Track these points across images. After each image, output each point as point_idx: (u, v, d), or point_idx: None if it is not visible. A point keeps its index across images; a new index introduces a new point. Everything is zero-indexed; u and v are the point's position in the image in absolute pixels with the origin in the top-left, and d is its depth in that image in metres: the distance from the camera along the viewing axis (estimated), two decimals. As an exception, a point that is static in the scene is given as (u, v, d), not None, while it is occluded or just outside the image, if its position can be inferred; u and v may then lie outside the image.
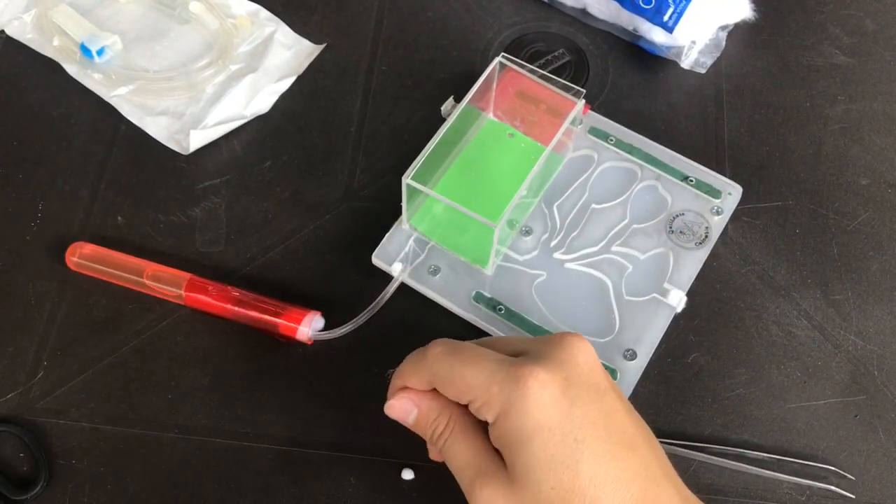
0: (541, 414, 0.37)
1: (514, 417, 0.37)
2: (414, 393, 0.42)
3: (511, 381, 0.37)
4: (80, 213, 0.58)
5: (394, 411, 0.43)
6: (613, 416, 0.38)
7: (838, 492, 0.49)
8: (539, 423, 0.37)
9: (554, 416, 0.37)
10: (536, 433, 0.37)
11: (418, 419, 0.42)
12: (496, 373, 0.38)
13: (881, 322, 0.54)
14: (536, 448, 0.37)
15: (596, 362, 0.40)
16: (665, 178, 0.58)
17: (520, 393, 0.37)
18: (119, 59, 0.64)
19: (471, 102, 0.55)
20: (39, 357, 0.53)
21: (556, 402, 0.37)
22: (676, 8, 0.60)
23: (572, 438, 0.37)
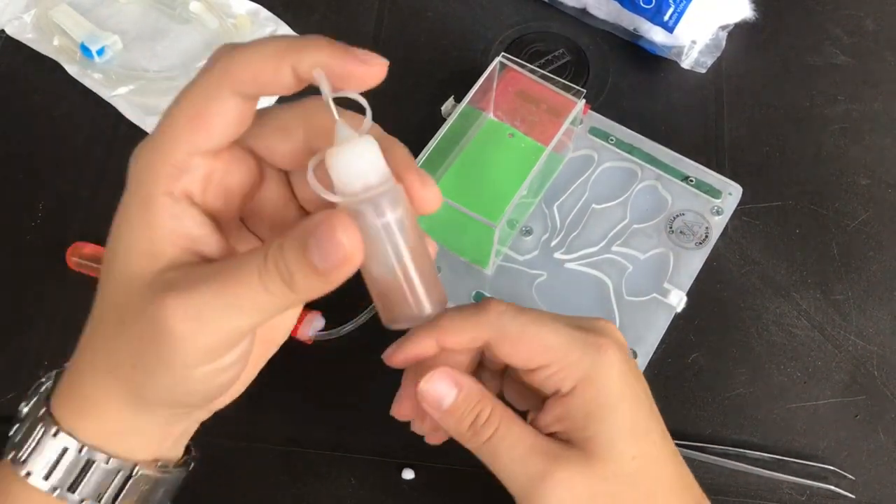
0: (623, 383, 0.36)
1: (597, 385, 0.35)
2: (455, 371, 0.36)
3: (592, 348, 0.35)
4: (81, 213, 0.58)
5: (429, 395, 0.36)
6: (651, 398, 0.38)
7: (838, 492, 0.49)
8: (622, 392, 0.35)
9: (632, 387, 0.36)
10: (621, 401, 0.35)
11: (457, 403, 0.36)
12: (576, 338, 0.36)
13: (881, 322, 0.54)
14: (620, 417, 0.35)
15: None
16: (665, 178, 0.58)
17: (603, 360, 0.35)
18: (119, 58, 0.64)
19: (471, 102, 0.55)
20: (40, 357, 0.53)
21: (631, 373, 0.36)
22: (677, 8, 0.60)
23: (645, 411, 0.36)
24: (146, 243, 0.30)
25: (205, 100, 0.30)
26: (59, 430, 0.32)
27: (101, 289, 0.32)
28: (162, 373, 0.30)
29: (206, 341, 0.29)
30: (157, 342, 0.29)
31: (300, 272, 0.28)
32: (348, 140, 0.29)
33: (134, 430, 0.33)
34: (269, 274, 0.28)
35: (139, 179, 0.31)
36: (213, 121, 0.30)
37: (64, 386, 0.33)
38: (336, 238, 0.27)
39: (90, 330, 0.32)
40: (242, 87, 0.30)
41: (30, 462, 0.32)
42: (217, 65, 0.30)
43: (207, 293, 0.28)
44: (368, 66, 0.30)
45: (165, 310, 0.28)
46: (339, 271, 0.28)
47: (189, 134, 0.30)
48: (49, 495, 0.32)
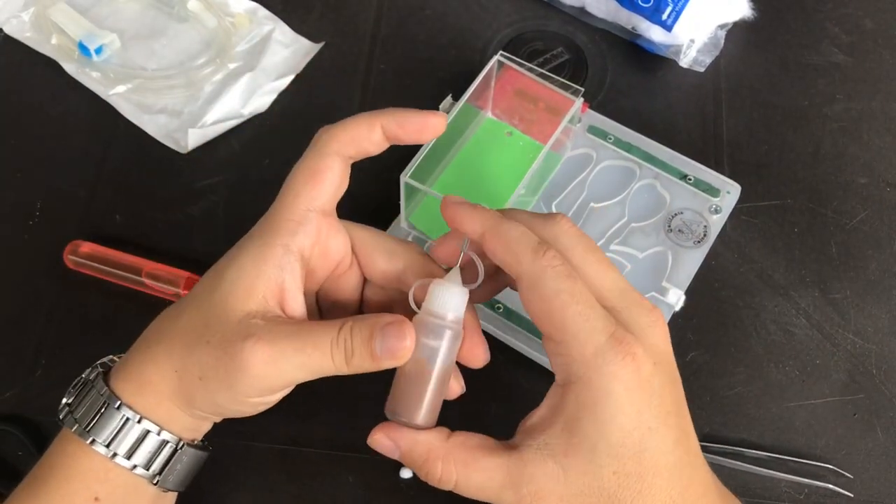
0: (626, 399, 0.34)
1: (596, 392, 0.34)
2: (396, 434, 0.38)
3: (610, 352, 0.34)
4: (79, 212, 0.58)
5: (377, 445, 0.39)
6: (681, 405, 0.37)
7: (837, 490, 0.49)
8: (621, 408, 0.34)
9: (636, 403, 0.34)
10: (616, 417, 0.34)
11: (403, 458, 0.38)
12: (600, 332, 0.34)
13: (879, 321, 0.54)
14: (612, 431, 0.34)
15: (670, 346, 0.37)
16: (664, 176, 0.58)
17: (613, 370, 0.34)
18: (117, 57, 0.64)
19: (469, 101, 0.55)
20: (37, 355, 0.53)
21: (642, 388, 0.35)
22: (675, 6, 0.60)
23: (646, 426, 0.35)
24: (249, 283, 0.37)
25: (318, 161, 0.38)
26: (121, 404, 0.38)
27: (196, 302, 0.38)
28: (222, 393, 0.37)
29: (272, 383, 0.37)
30: (230, 371, 0.36)
31: (360, 353, 0.36)
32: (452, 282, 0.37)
33: (178, 418, 0.39)
34: (337, 347, 0.36)
35: (264, 228, 0.38)
36: (325, 176, 0.38)
37: (129, 365, 0.39)
38: (403, 340, 0.36)
39: (172, 330, 0.38)
40: (345, 148, 0.38)
41: (94, 431, 0.38)
42: (324, 135, 0.38)
43: (288, 349, 0.35)
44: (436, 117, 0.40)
45: (254, 352, 0.35)
46: (389, 362, 0.36)
47: (307, 190, 0.38)
48: (109, 460, 0.38)
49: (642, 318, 0.36)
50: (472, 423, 0.40)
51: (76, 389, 0.40)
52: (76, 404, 0.39)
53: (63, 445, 0.39)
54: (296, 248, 0.38)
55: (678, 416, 0.36)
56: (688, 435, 0.37)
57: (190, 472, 0.41)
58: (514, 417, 0.38)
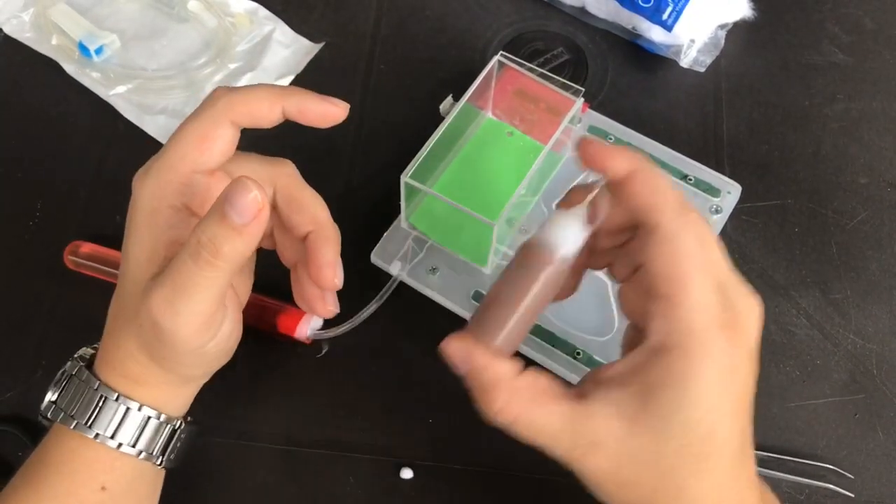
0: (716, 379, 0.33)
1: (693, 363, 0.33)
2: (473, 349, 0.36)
3: (717, 330, 0.33)
4: (79, 212, 0.58)
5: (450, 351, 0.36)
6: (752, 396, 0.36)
7: (838, 490, 0.49)
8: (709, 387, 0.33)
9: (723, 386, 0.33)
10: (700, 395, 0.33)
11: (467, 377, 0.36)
12: (713, 307, 0.33)
13: (880, 321, 0.54)
14: (694, 408, 0.33)
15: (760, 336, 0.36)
16: (664, 176, 0.58)
17: (714, 349, 0.33)
18: (117, 57, 0.64)
19: (470, 101, 0.55)
20: (38, 356, 0.53)
21: (733, 373, 0.34)
22: (675, 6, 0.60)
23: (724, 411, 0.34)
24: (149, 251, 0.36)
25: (210, 126, 0.37)
26: (119, 396, 0.39)
27: (121, 293, 0.39)
28: (177, 357, 0.37)
29: (189, 327, 0.35)
30: (155, 335, 0.36)
31: (222, 236, 0.33)
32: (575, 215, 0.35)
33: (175, 399, 0.41)
34: (195, 253, 0.34)
35: (149, 193, 0.36)
36: (215, 143, 0.37)
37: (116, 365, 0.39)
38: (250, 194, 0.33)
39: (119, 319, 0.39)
40: (240, 118, 0.37)
41: (97, 425, 0.38)
42: (220, 101, 0.37)
43: (167, 288, 0.35)
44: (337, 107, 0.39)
45: (151, 310, 0.35)
46: (257, 225, 0.34)
47: (195, 154, 0.36)
48: (114, 450, 0.39)
49: (744, 301, 0.35)
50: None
51: (60, 386, 0.41)
52: (66, 400, 0.40)
53: (61, 441, 0.40)
54: (182, 205, 0.37)
55: (749, 407, 0.36)
56: (749, 427, 0.36)
57: (186, 448, 0.43)
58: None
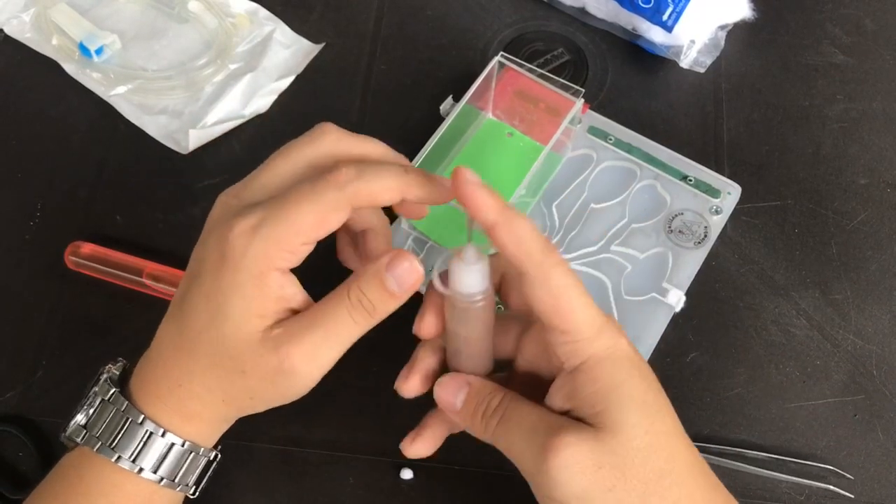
0: (632, 364, 0.36)
1: (607, 363, 0.36)
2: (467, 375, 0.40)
3: (610, 328, 0.36)
4: (79, 213, 0.58)
5: (445, 391, 0.39)
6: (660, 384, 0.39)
7: (837, 491, 0.49)
8: (632, 371, 0.36)
9: (642, 368, 0.37)
10: (631, 377, 0.36)
11: (468, 398, 0.39)
12: (598, 315, 0.37)
13: (880, 321, 0.54)
14: (633, 390, 0.36)
15: None
16: (664, 177, 0.58)
17: (615, 342, 0.36)
18: (118, 58, 0.64)
19: (470, 101, 0.55)
20: (38, 356, 0.53)
21: (642, 363, 0.37)
22: (675, 7, 0.60)
23: (656, 388, 0.37)
24: (260, 308, 0.38)
25: (332, 211, 0.37)
26: (165, 432, 0.40)
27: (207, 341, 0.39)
28: (277, 399, 0.40)
29: (315, 374, 0.38)
30: (279, 383, 0.38)
31: (379, 300, 0.37)
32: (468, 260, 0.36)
33: (216, 432, 0.42)
34: (355, 309, 0.37)
35: (255, 259, 0.37)
36: (331, 226, 0.37)
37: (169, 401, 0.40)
38: (412, 265, 0.37)
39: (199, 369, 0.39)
40: (361, 204, 0.37)
41: (141, 459, 0.40)
42: (348, 187, 0.37)
43: (317, 337, 0.37)
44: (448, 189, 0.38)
45: (290, 358, 0.37)
46: (410, 290, 0.38)
47: (310, 232, 0.37)
48: (155, 484, 0.40)
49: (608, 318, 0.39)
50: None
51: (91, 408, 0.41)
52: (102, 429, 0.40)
53: (97, 471, 0.40)
54: (288, 267, 0.38)
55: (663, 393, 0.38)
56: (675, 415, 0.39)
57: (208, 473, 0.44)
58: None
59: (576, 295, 0.36)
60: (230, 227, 0.37)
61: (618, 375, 0.36)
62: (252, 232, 0.37)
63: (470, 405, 0.39)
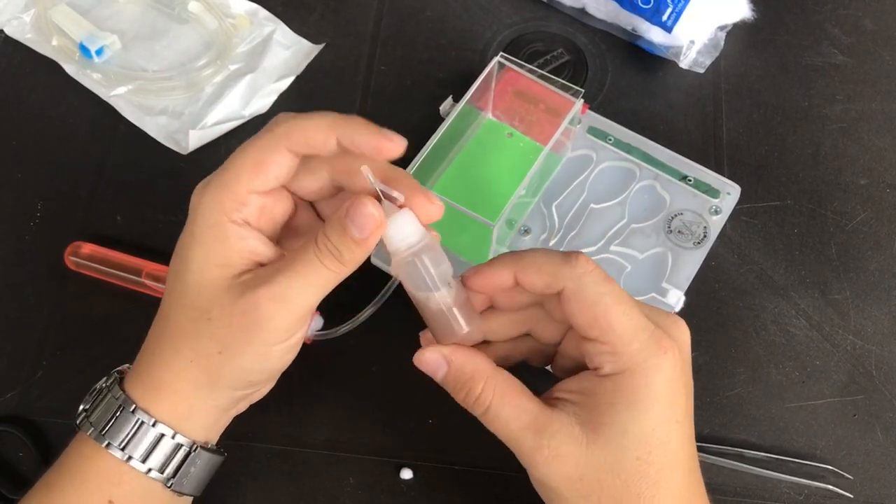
0: (664, 389, 0.36)
1: (638, 382, 0.36)
2: (448, 349, 0.39)
3: (654, 345, 0.36)
4: (79, 213, 0.58)
5: (424, 364, 0.40)
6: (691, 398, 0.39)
7: (837, 491, 0.49)
8: (658, 397, 0.36)
9: (671, 395, 0.37)
10: (653, 406, 0.36)
11: (446, 379, 0.39)
12: (642, 330, 0.37)
13: (879, 321, 0.54)
14: (646, 419, 0.36)
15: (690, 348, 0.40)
16: (663, 177, 0.58)
17: (656, 362, 0.36)
18: (118, 58, 0.64)
19: (469, 102, 0.55)
20: (39, 356, 0.53)
21: (676, 382, 0.37)
22: (675, 8, 0.61)
23: (674, 420, 0.37)
24: (221, 258, 0.38)
25: (267, 152, 0.38)
26: (136, 408, 0.39)
27: (174, 297, 0.39)
28: (247, 354, 0.38)
29: (288, 318, 0.38)
30: (246, 327, 0.37)
31: (344, 246, 0.37)
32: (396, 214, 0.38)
33: (198, 414, 0.40)
34: (322, 254, 0.37)
35: (208, 209, 0.38)
36: (270, 169, 0.38)
37: (141, 373, 0.40)
38: (368, 211, 0.37)
39: (167, 329, 0.40)
40: (297, 146, 0.38)
41: (110, 435, 0.39)
42: (279, 128, 0.38)
43: (284, 279, 0.37)
44: (392, 142, 0.38)
45: (256, 298, 0.37)
46: (374, 237, 0.37)
47: (251, 177, 0.38)
48: (124, 463, 0.39)
49: (670, 319, 0.38)
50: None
51: (93, 396, 0.41)
52: (92, 410, 0.40)
53: (79, 448, 0.40)
54: (242, 220, 0.39)
55: (692, 415, 0.39)
56: (693, 436, 0.39)
57: (205, 477, 0.42)
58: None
59: (614, 303, 0.37)
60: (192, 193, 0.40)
61: (642, 399, 0.36)
62: (204, 187, 0.39)
63: (450, 384, 0.39)
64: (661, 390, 0.36)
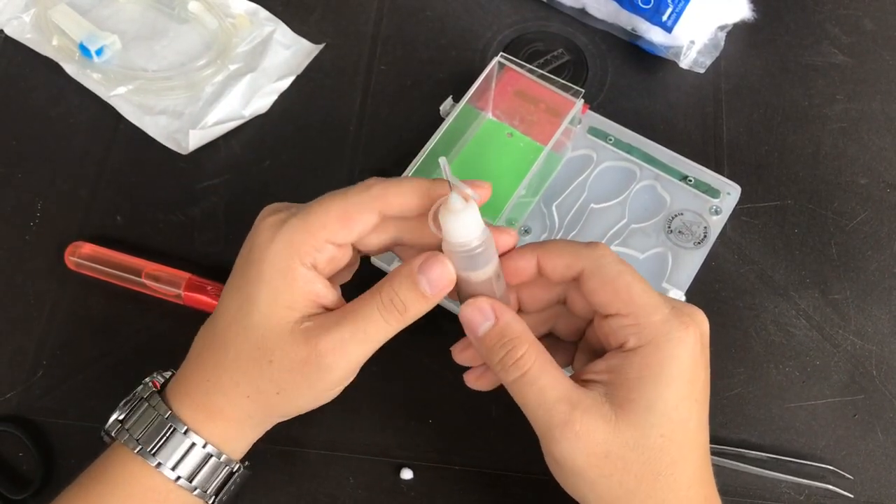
0: (687, 364, 0.37)
1: (663, 354, 0.36)
2: (499, 305, 0.39)
3: (676, 320, 0.37)
4: (79, 213, 0.58)
5: (469, 312, 0.39)
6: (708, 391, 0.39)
7: (837, 491, 0.49)
8: (682, 372, 0.37)
9: (693, 372, 0.37)
10: (676, 380, 0.36)
11: (491, 334, 0.38)
12: (663, 305, 0.37)
13: (880, 321, 0.54)
14: (670, 394, 0.36)
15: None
16: (664, 177, 0.58)
17: (680, 335, 0.37)
18: (118, 58, 0.64)
19: (470, 102, 0.55)
20: (39, 356, 0.53)
21: (698, 360, 0.37)
22: (675, 8, 0.61)
23: (694, 397, 0.37)
24: (288, 301, 0.38)
25: (357, 209, 0.38)
26: (188, 430, 0.40)
27: (238, 332, 0.39)
28: (304, 395, 0.40)
29: (347, 368, 0.39)
30: (307, 374, 0.38)
31: (411, 301, 0.38)
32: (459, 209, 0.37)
33: (243, 438, 0.42)
34: (386, 309, 0.38)
35: (281, 250, 0.38)
36: (356, 226, 0.39)
37: (193, 396, 0.41)
38: (444, 269, 0.37)
39: (227, 362, 0.40)
40: (388, 210, 0.39)
41: (160, 454, 0.40)
42: (374, 189, 0.38)
43: (347, 332, 0.38)
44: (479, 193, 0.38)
45: (319, 349, 0.38)
46: (442, 292, 0.38)
47: (335, 229, 0.38)
48: (171, 482, 0.40)
49: (686, 305, 0.39)
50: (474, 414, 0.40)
51: (127, 408, 0.42)
52: (133, 423, 0.41)
53: (122, 462, 0.41)
54: (311, 265, 0.39)
55: (708, 401, 0.39)
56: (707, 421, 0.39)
57: (237, 491, 0.44)
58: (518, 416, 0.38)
59: (634, 279, 0.38)
60: (260, 224, 0.39)
61: (665, 371, 0.36)
62: (279, 226, 0.38)
63: (492, 339, 0.38)
64: (684, 364, 0.37)
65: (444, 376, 0.52)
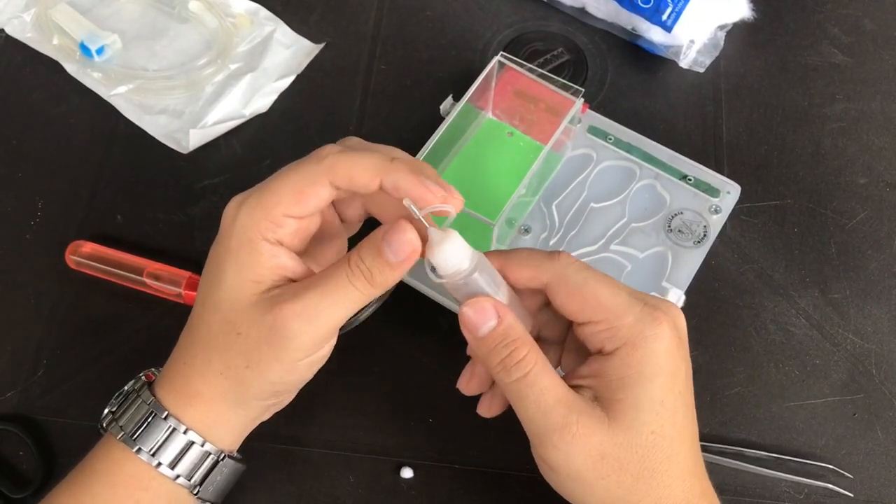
0: (665, 359, 0.37)
1: (640, 353, 0.37)
2: (502, 306, 0.38)
3: (648, 317, 0.37)
4: (80, 212, 0.58)
5: (471, 313, 0.38)
6: (691, 382, 0.40)
7: (836, 490, 0.49)
8: (662, 367, 0.37)
9: (672, 365, 0.38)
10: (657, 376, 0.37)
11: (494, 335, 0.38)
12: (633, 304, 0.38)
13: (879, 321, 0.54)
14: (654, 390, 0.37)
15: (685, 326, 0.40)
16: (664, 176, 0.58)
17: (654, 333, 0.37)
18: (118, 57, 0.64)
19: (470, 101, 0.55)
20: (39, 355, 0.53)
21: (676, 354, 0.38)
22: (675, 7, 0.61)
23: (678, 391, 0.38)
24: (253, 274, 0.39)
25: (310, 182, 0.38)
26: (168, 415, 0.40)
27: (206, 308, 0.40)
28: (273, 366, 0.39)
29: (314, 334, 0.38)
30: (273, 343, 0.38)
31: (377, 269, 0.37)
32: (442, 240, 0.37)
33: (226, 423, 0.41)
34: (353, 275, 0.38)
35: (243, 227, 0.39)
36: (309, 199, 0.38)
37: (173, 380, 0.41)
38: (406, 237, 0.37)
39: (199, 340, 0.40)
40: (339, 182, 0.38)
41: (140, 440, 0.39)
42: (325, 160, 0.38)
43: (313, 297, 0.37)
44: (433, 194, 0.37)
45: (283, 314, 0.37)
46: (409, 262, 0.37)
47: (290, 204, 0.38)
48: (153, 468, 0.39)
49: (656, 299, 0.39)
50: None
51: (119, 400, 0.42)
52: (120, 413, 0.41)
53: (107, 451, 0.41)
54: (276, 240, 0.39)
55: (692, 391, 0.39)
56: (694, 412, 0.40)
57: (228, 485, 0.43)
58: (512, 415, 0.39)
59: (599, 285, 0.38)
60: (226, 207, 0.40)
61: (645, 368, 0.37)
62: (240, 204, 0.39)
63: (493, 340, 0.38)
64: (662, 360, 0.37)
65: (445, 376, 0.52)
